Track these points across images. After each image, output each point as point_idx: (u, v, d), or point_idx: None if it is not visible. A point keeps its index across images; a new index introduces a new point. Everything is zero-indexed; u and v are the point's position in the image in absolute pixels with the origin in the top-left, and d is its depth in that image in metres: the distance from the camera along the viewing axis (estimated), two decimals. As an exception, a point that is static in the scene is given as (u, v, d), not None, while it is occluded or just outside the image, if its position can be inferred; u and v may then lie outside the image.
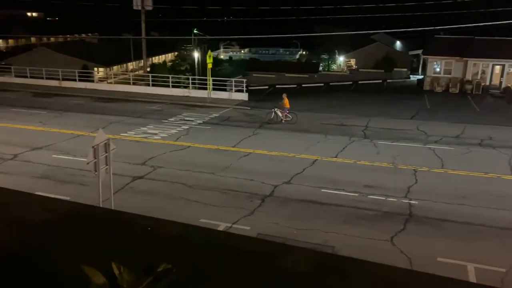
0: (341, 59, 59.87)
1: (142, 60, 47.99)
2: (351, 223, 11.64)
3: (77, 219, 6.04)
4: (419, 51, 47.77)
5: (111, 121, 23.21)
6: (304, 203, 12.89)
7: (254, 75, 51.87)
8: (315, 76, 48.04)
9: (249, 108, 27.94)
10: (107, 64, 52.77)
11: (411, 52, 56.54)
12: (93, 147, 9.92)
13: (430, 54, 37.23)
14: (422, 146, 19.15)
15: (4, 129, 21.23)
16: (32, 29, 74.30)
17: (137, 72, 58.95)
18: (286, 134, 21.27)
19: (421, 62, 44.70)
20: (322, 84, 44.30)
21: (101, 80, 46.88)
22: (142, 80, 37.23)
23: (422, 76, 40.42)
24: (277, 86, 44.49)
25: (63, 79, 35.38)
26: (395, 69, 46.98)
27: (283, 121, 23.53)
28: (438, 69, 36.89)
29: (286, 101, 23.83)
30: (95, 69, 50.36)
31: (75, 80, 35.14)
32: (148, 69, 45.73)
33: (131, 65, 61.81)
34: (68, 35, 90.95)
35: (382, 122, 23.70)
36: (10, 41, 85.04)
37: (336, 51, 60.23)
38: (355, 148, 18.70)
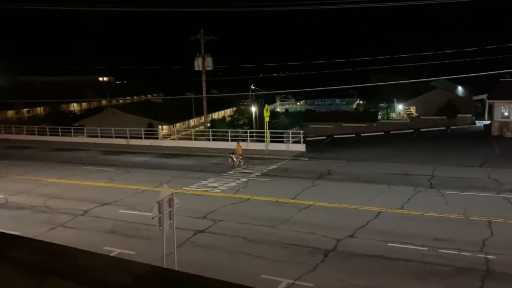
0: (400, 107, 58.74)
1: (203, 117, 50.21)
2: (422, 279, 10.81)
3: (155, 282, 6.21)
4: (484, 96, 45.77)
5: (174, 176, 24.05)
6: (369, 258, 12.25)
7: (311, 126, 52.05)
8: (374, 125, 47.24)
9: (307, 159, 27.88)
10: (171, 121, 55.89)
11: (475, 97, 54.30)
12: (158, 202, 10.30)
13: (497, 98, 35.46)
14: (495, 196, 17.79)
15: (77, 186, 22.70)
16: (103, 92, 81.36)
17: (198, 128, 61.70)
18: (347, 185, 20.80)
19: (487, 106, 42.63)
20: (381, 133, 43.38)
21: (165, 137, 49.49)
22: (203, 135, 38.73)
23: (489, 122, 38.35)
24: (334, 136, 44.20)
25: (130, 137, 37.73)
26: (458, 115, 45.11)
27: (236, 166, 25.87)
28: (506, 113, 34.88)
29: (239, 148, 26.97)
30: (160, 126, 53.50)
31: (141, 137, 37.32)
32: (209, 125, 47.62)
33: (192, 122, 64.95)
34: (135, 96, 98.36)
35: (448, 171, 22.52)
36: (84, 104, 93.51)
37: (395, 99, 59.34)
38: (422, 199, 17.77)
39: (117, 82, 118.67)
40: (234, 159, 26.47)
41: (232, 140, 33.94)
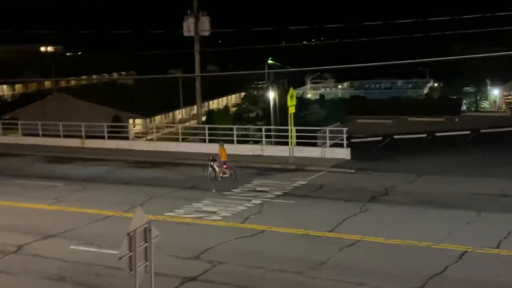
0: (495, 92, 58.28)
1: (195, 106, 50.51)
2: None
3: None
4: None
5: (153, 195, 24.14)
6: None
7: (359, 120, 52.17)
8: (456, 119, 47.02)
9: (352, 171, 27.81)
10: (147, 113, 56.49)
11: None
12: (128, 234, 10.34)
13: None
14: None
15: (7, 209, 22.84)
16: (47, 69, 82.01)
17: (188, 124, 62.14)
18: (414, 211, 20.66)
19: None
20: (467, 132, 43.06)
21: (138, 136, 49.93)
22: (195, 134, 38.91)
23: None
24: (395, 136, 44.04)
25: (88, 137, 38.11)
26: None
27: (219, 179, 26.42)
28: None
29: (222, 152, 26.78)
30: (131, 121, 54.03)
31: (103, 137, 37.69)
32: (204, 118, 47.82)
33: (179, 114, 65.50)
34: (95, 76, 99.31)
35: None
36: (18, 87, 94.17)
37: (488, 80, 58.85)
38: (530, 233, 17.57)
39: (68, 55, 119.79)
40: (216, 168, 26.90)
41: (240, 142, 34.05)
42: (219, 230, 19.14)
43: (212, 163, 27.21)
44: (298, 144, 31.06)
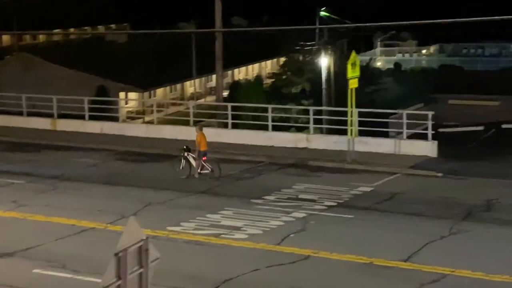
0: None
1: (213, 76, 50.56)
2: None
3: None
4: None
5: (150, 201, 24.29)
6: None
7: (451, 101, 51.67)
8: None
9: (440, 174, 27.72)
10: (145, 85, 56.72)
11: None
12: (116, 254, 10.41)
13: None
14: None
15: None
16: (5, 18, 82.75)
17: (203, 101, 62.24)
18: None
19: None
20: None
21: (131, 117, 50.23)
22: (213, 115, 38.92)
23: None
24: (503, 125, 43.48)
25: (60, 116, 38.51)
26: None
27: (196, 175, 26.89)
28: None
29: (201, 139, 27.20)
30: (121, 95, 54.33)
31: (82, 117, 38.05)
32: (226, 94, 47.85)
33: (191, 87, 65.65)
34: (73, 29, 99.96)
35: None
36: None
37: None
38: None
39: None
40: (192, 161, 27.37)
41: (277, 128, 34.00)
42: (245, 253, 19.16)
43: (186, 154, 27.56)
44: (361, 133, 30.95)
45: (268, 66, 78.39)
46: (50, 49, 78.68)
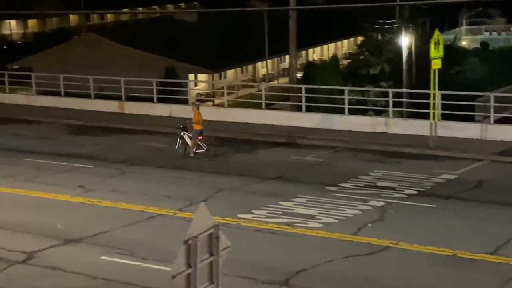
0: None
1: (286, 57, 50.46)
2: None
3: None
4: None
5: (221, 187, 24.49)
6: None
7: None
8: None
9: (532, 161, 27.30)
10: (215, 66, 56.87)
11: None
12: (185, 241, 10.42)
13: None
14: None
15: (13, 199, 23.74)
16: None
17: (275, 83, 62.18)
18: None
19: None
20: None
21: (201, 99, 50.48)
22: (286, 98, 38.87)
23: None
24: None
25: (128, 99, 38.96)
26: None
27: (191, 155, 28.20)
28: None
29: (198, 118, 28.35)
30: (191, 76, 54.61)
31: (151, 99, 38.49)
32: (300, 76, 47.72)
33: (262, 68, 65.67)
34: (140, 9, 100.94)
35: None
36: (31, 23, 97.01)
37: None
38: None
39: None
40: (187, 140, 28.42)
41: (354, 112, 33.87)
42: (319, 243, 19.11)
43: (182, 133, 28.60)
44: (444, 117, 30.63)
45: (344, 46, 77.92)
46: (118, 29, 79.75)
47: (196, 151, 28.16)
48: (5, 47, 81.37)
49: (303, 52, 66.94)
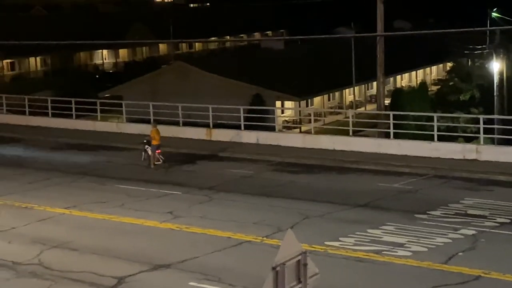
0: None
1: (374, 83, 50.19)
2: None
3: None
4: None
5: (308, 214, 24.38)
6: None
7: None
8: None
9: None
10: (302, 93, 56.96)
11: None
12: (274, 268, 10.42)
13: None
14: None
15: (104, 225, 24.22)
16: (162, 27, 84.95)
17: (362, 109, 61.89)
18: None
19: None
20: None
21: (287, 126, 50.58)
22: (374, 125, 38.59)
23: None
24: None
25: (215, 126, 39.31)
26: None
27: (152, 166, 32.28)
28: None
29: (155, 135, 32.37)
30: (278, 103, 54.80)
31: (238, 126, 38.69)
32: (387, 102, 47.40)
33: (350, 94, 65.54)
34: (228, 37, 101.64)
35: None
36: (122, 53, 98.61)
37: None
38: None
39: (192, 6, 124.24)
40: (149, 152, 32.52)
41: (443, 138, 33.39)
42: (408, 272, 18.89)
43: (146, 147, 32.66)
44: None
45: (433, 72, 77.17)
46: (205, 57, 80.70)
47: (156, 163, 32.18)
48: (97, 76, 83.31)
49: (391, 79, 66.53)
